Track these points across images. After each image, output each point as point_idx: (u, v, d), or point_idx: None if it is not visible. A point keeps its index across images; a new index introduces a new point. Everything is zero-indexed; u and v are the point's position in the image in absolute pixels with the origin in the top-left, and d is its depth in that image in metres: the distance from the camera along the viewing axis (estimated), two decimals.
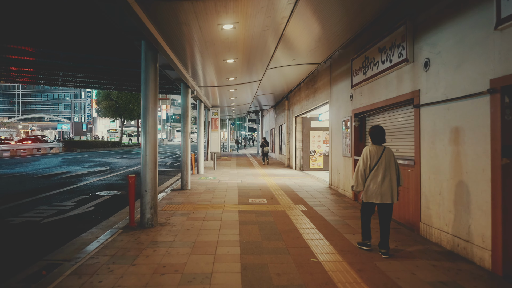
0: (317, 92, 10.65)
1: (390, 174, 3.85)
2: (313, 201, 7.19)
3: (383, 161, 3.87)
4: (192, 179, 11.01)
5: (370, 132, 4.05)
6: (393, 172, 3.88)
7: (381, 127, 4.04)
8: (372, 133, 4.02)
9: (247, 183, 9.98)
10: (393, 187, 3.84)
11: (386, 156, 3.90)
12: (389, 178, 3.84)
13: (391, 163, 3.88)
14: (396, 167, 3.95)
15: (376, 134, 3.98)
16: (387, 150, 3.94)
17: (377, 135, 3.98)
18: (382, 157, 3.89)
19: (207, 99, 12.59)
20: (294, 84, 13.61)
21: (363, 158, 3.96)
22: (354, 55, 7.12)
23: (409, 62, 4.94)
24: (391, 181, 3.84)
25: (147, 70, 5.04)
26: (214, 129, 14.19)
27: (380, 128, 4.00)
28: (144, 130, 5.08)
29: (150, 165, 5.05)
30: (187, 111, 8.81)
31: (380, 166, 3.86)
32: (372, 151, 3.94)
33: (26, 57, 12.70)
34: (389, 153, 3.94)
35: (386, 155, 3.90)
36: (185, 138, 8.77)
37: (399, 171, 3.98)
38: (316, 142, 14.75)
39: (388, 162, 3.87)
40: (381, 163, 3.86)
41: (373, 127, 4.06)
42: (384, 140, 4.00)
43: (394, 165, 3.91)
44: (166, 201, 7.20)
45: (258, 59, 6.99)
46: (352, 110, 7.41)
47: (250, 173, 12.82)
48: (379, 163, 3.87)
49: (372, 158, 3.91)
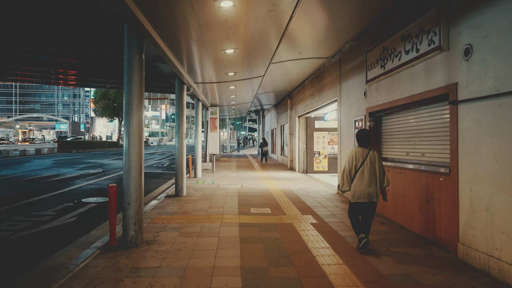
0: (323, 90, 9.85)
1: (375, 175, 4.09)
2: (323, 211, 6.38)
3: (367, 162, 4.10)
4: (189, 183, 10.20)
5: (357, 135, 4.28)
6: (377, 173, 4.10)
7: (368, 131, 4.29)
8: (358, 136, 4.26)
9: (248, 188, 9.18)
10: (378, 186, 4.10)
11: (371, 158, 4.12)
12: (375, 179, 4.09)
13: (375, 165, 4.11)
14: (381, 168, 4.16)
15: (363, 137, 4.22)
16: (372, 152, 4.16)
17: (363, 138, 4.22)
18: (367, 159, 4.12)
19: (205, 97, 11.79)
20: (298, 82, 12.81)
21: (349, 159, 4.21)
22: (369, 47, 6.32)
23: (443, 50, 4.14)
24: (376, 182, 4.09)
25: (130, 59, 4.24)
26: (213, 129, 13.39)
27: (367, 132, 4.25)
28: (127, 131, 4.28)
29: (134, 172, 4.24)
30: (182, 110, 8.00)
31: (365, 167, 4.09)
32: (357, 153, 4.18)
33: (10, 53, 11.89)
34: (374, 155, 4.15)
35: (371, 156, 4.13)
36: (180, 139, 7.97)
37: (384, 172, 4.19)
38: (320, 143, 13.95)
39: (373, 164, 4.10)
40: (366, 164, 4.10)
41: (360, 130, 4.30)
42: (370, 143, 4.25)
43: (378, 166, 4.12)
44: (157, 210, 6.39)
45: (261, 50, 6.19)
46: (366, 108, 6.60)
47: (251, 176, 12.01)
48: (364, 164, 4.10)
49: (358, 159, 4.14)
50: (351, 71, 7.51)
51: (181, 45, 5.39)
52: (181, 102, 7.99)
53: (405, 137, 5.55)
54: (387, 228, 5.21)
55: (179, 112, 7.99)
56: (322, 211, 6.41)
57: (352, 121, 7.41)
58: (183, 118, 7.99)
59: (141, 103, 4.34)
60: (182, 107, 8.00)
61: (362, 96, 6.89)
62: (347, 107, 7.80)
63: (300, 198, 7.78)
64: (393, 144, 5.99)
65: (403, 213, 5.31)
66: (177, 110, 8.02)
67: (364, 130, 4.28)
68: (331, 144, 13.89)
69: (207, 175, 12.40)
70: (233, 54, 5.96)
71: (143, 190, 4.42)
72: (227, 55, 6.00)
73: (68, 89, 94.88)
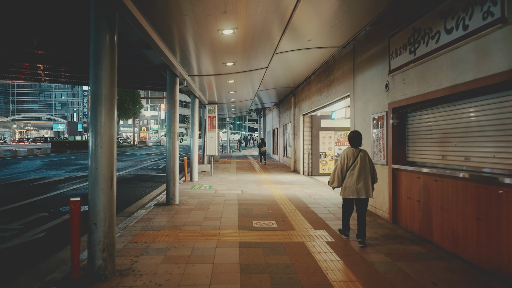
0: (333, 85, 8.86)
1: (365, 173, 4.32)
2: (338, 224, 5.40)
3: (358, 161, 4.33)
4: (183, 188, 9.22)
5: (349, 137, 4.54)
6: (367, 171, 4.35)
7: (359, 133, 4.50)
8: (351, 137, 4.51)
9: (249, 194, 8.19)
10: (368, 184, 4.32)
11: (362, 157, 4.36)
12: (364, 177, 4.31)
13: (366, 164, 4.35)
14: (371, 167, 4.43)
15: (354, 139, 4.48)
16: (363, 152, 4.41)
17: (355, 139, 4.47)
18: (358, 158, 4.35)
19: (202, 93, 10.80)
20: (303, 77, 11.82)
21: (341, 158, 4.45)
22: (394, 30, 5.34)
23: (507, 24, 3.16)
24: (366, 179, 4.31)
25: (98, 37, 3.26)
26: (211, 128, 12.41)
27: (358, 133, 4.49)
28: (94, 129, 3.30)
29: (102, 183, 3.26)
30: (175, 107, 7.02)
31: (356, 166, 4.33)
32: (349, 153, 4.43)
33: None
34: (364, 155, 4.40)
35: (362, 156, 4.37)
36: (172, 139, 6.98)
37: (374, 170, 4.46)
38: (327, 144, 12.97)
39: (364, 163, 4.34)
40: (356, 163, 4.33)
41: (351, 132, 4.53)
42: (360, 144, 4.48)
43: (369, 165, 4.38)
44: (143, 224, 5.41)
45: (265, 34, 5.21)
46: (389, 103, 5.62)
47: (252, 180, 11.02)
48: (355, 163, 4.34)
49: (349, 158, 4.39)
50: (367, 61, 6.53)
51: (167, 23, 4.40)
52: (173, 97, 7.01)
53: (440, 137, 4.57)
54: (422, 249, 4.23)
55: (171, 109, 7.00)
56: (337, 224, 5.43)
57: (370, 119, 6.43)
58: (175, 115, 7.00)
59: (113, 93, 3.36)
60: (174, 104, 7.02)
61: (382, 90, 5.90)
62: (363, 103, 6.82)
63: (309, 207, 6.80)
64: (423, 145, 5.00)
65: (440, 230, 4.32)
66: (168, 107, 7.04)
67: (355, 132, 4.52)
68: (339, 145, 12.91)
69: (204, 179, 11.41)
70: (232, 37, 4.97)
71: (115, 205, 3.44)
72: (225, 38, 5.01)
73: (67, 89, 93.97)
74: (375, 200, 6.26)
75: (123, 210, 6.84)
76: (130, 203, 7.62)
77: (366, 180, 4.31)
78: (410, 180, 5.10)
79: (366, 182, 4.30)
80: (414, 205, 4.97)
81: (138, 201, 7.79)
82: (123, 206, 7.21)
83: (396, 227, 5.31)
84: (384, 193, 5.87)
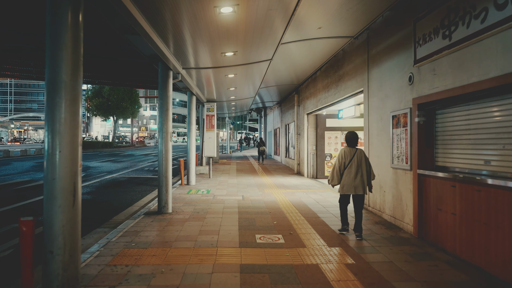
0: (342, 80, 8.09)
1: (362, 171, 4.65)
2: (355, 240, 4.62)
3: (355, 160, 4.66)
4: (179, 193, 8.45)
5: (346, 137, 4.84)
6: (364, 169, 4.66)
7: (355, 133, 4.80)
8: (348, 138, 4.82)
9: (250, 201, 7.42)
10: (365, 181, 4.65)
11: (358, 156, 4.69)
12: (361, 174, 4.64)
13: (362, 162, 4.67)
14: (368, 165, 4.71)
15: (351, 139, 4.79)
16: (359, 151, 4.72)
17: (352, 140, 4.79)
18: (354, 157, 4.68)
19: (200, 90, 10.03)
20: (307, 73, 11.06)
21: (339, 157, 4.76)
22: (421, 13, 4.57)
23: None
24: (363, 177, 4.64)
25: (55, 8, 2.48)
26: (210, 128, 11.63)
27: (354, 134, 4.79)
28: (50, 127, 2.53)
29: (62, 199, 2.49)
30: (167, 103, 6.24)
31: (353, 164, 4.66)
32: (346, 152, 4.73)
33: None
34: (361, 153, 4.71)
35: (358, 155, 4.69)
36: (164, 139, 6.21)
37: (370, 167, 4.74)
38: (332, 145, 12.20)
39: (360, 161, 4.67)
40: (353, 162, 4.66)
41: (348, 133, 4.83)
42: (357, 144, 4.81)
43: (365, 163, 4.69)
44: (127, 239, 4.63)
45: (271, 19, 4.43)
46: (414, 99, 4.85)
47: (253, 183, 10.25)
48: (352, 161, 4.66)
49: (346, 157, 4.70)
50: (385, 52, 5.76)
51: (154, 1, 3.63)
52: (166, 93, 6.24)
53: (481, 138, 3.79)
54: (464, 276, 3.45)
55: (163, 106, 6.23)
56: (353, 237, 4.66)
57: (388, 117, 5.66)
58: (168, 113, 6.23)
59: (77, 81, 2.59)
60: (167, 100, 6.25)
61: (404, 83, 5.13)
62: (379, 100, 6.05)
63: (319, 216, 6.03)
64: (457, 148, 4.23)
65: (485, 252, 3.55)
66: (160, 104, 6.26)
67: (352, 133, 4.78)
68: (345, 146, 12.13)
69: (202, 182, 10.63)
70: (231, 17, 4.18)
71: (79, 226, 2.66)
72: (224, 19, 4.22)
73: None
74: (394, 210, 5.49)
75: (110, 220, 6.07)
76: (118, 210, 6.86)
77: (363, 178, 4.63)
78: (441, 188, 4.32)
79: (362, 179, 4.63)
80: (448, 218, 4.19)
81: (127, 209, 7.02)
82: (110, 215, 6.44)
83: (424, 243, 4.53)
84: (406, 202, 5.09)
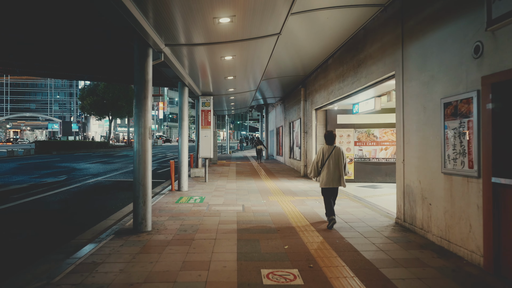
0: (364, 65, 6.67)
1: (339, 167, 5.12)
2: (404, 277, 3.20)
3: (332, 156, 5.14)
4: (166, 202, 7.04)
5: (325, 135, 5.36)
6: (340, 165, 5.13)
7: (332, 132, 5.31)
8: (326, 136, 5.32)
9: (253, 213, 6.01)
10: (342, 175, 5.14)
11: (335, 153, 5.16)
12: (338, 170, 5.12)
13: (339, 158, 5.13)
14: (343, 161, 5.17)
15: (329, 137, 5.27)
16: (337, 148, 5.20)
17: (329, 138, 5.27)
18: (332, 154, 5.16)
19: (193, 81, 8.61)
20: (316, 62, 9.65)
21: (318, 154, 5.30)
22: None
23: None
24: (340, 172, 5.13)
25: None
26: (206, 125, 10.22)
27: (332, 133, 5.29)
28: None
29: None
30: (145, 90, 4.82)
31: (330, 160, 5.14)
32: (325, 149, 5.24)
33: None
34: (338, 150, 5.18)
35: (335, 152, 5.16)
36: (142, 136, 4.79)
37: (345, 163, 5.20)
38: (344, 144, 10.77)
39: (337, 158, 5.13)
40: (330, 159, 5.14)
41: (327, 131, 5.38)
42: (334, 142, 5.27)
43: (342, 159, 5.14)
44: (75, 279, 3.21)
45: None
46: (484, 77, 3.43)
47: (255, 188, 8.84)
48: (329, 158, 5.15)
49: (324, 154, 5.21)
50: (433, 19, 4.34)
51: None
52: (144, 76, 4.82)
53: None
54: None
55: (140, 93, 4.81)
56: (400, 274, 3.24)
57: (437, 106, 4.24)
58: (147, 103, 4.82)
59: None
60: (144, 85, 4.83)
61: (466, 57, 3.71)
62: (421, 84, 4.63)
63: (343, 237, 4.60)
64: None
65: None
66: (136, 90, 4.84)
67: (329, 132, 5.33)
68: (359, 145, 10.71)
69: (196, 187, 9.23)
70: None
71: None
72: None
73: (64, 88, 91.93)
74: (447, 230, 4.06)
75: (72, 240, 4.67)
76: (87, 226, 5.45)
77: (340, 173, 5.11)
78: None
79: (339, 174, 5.11)
80: None
81: (99, 224, 5.60)
82: (74, 233, 5.04)
83: (506, 285, 3.11)
84: (470, 222, 3.67)
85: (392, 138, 10.50)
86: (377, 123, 10.58)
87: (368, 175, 10.64)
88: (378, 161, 10.58)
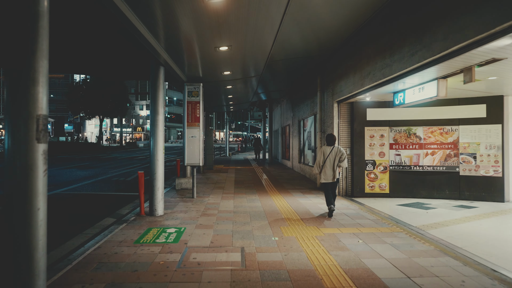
0: (441, 21, 4.06)
1: (334, 165, 5.84)
2: None
3: (331, 155, 5.86)
4: (121, 240, 4.42)
5: (326, 138, 6.06)
6: (336, 163, 5.82)
7: (333, 134, 6.03)
8: (327, 138, 6.03)
9: (259, 272, 3.40)
10: (336, 171, 5.85)
11: (333, 152, 5.86)
12: (333, 167, 5.85)
13: (335, 157, 5.84)
14: (343, 157, 5.82)
15: (329, 139, 6.00)
16: (335, 148, 5.90)
17: (330, 140, 6.00)
18: (331, 153, 5.87)
19: (172, 57, 6.00)
20: (340, 38, 7.03)
21: (319, 154, 6.00)
22: None
23: None
24: (334, 168, 5.84)
25: None
26: (193, 122, 7.62)
27: (333, 135, 6.01)
28: None
29: None
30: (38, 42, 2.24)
31: (330, 158, 5.86)
32: (325, 149, 5.96)
33: None
34: (336, 150, 5.88)
35: (334, 151, 5.87)
36: (23, 132, 2.19)
37: (343, 161, 5.82)
38: (376, 147, 8.18)
39: (334, 157, 5.84)
40: (330, 157, 5.87)
41: (328, 134, 6.08)
42: (334, 143, 5.97)
43: (338, 158, 5.83)
44: None
45: None
46: None
47: (260, 211, 6.23)
48: (329, 157, 5.87)
49: (325, 154, 5.92)
50: None
51: None
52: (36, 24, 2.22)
53: None
54: None
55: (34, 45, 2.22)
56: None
57: None
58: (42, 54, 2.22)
59: None
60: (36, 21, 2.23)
61: None
62: None
63: None
64: None
65: None
66: None
67: (330, 134, 6.04)
68: (396, 148, 8.11)
69: (178, 207, 6.62)
70: None
71: None
72: None
73: (61, 88, 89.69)
74: None
75: None
76: None
77: (335, 169, 5.85)
78: None
79: (334, 170, 5.86)
80: None
81: None
82: None
83: None
84: None
85: (442, 140, 7.89)
86: (422, 119, 7.98)
87: (409, 188, 8.03)
88: (423, 169, 7.97)
